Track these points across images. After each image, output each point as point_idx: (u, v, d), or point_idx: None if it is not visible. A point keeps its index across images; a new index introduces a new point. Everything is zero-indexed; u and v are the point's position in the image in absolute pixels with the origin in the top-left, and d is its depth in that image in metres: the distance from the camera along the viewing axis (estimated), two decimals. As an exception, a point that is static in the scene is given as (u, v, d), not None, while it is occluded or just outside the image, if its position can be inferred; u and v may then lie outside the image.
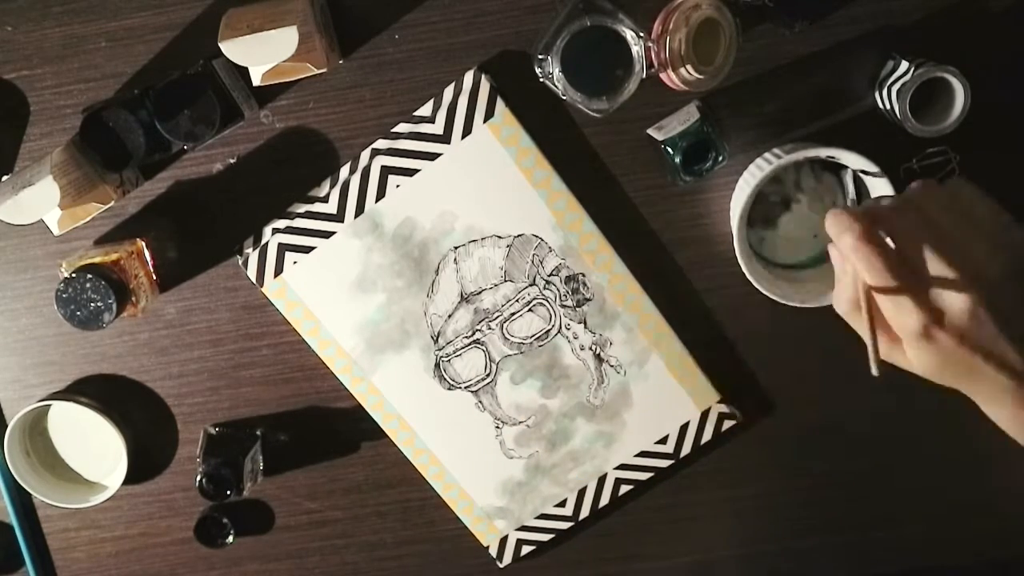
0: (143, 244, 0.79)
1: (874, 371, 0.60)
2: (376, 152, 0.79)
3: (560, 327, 0.83)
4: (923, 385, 0.73)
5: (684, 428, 0.85)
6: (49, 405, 0.83)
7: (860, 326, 0.62)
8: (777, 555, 0.90)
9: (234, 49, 0.67)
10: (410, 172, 0.79)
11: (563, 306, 0.82)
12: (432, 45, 0.77)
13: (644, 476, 0.86)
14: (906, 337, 0.60)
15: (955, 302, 0.58)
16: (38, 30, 0.77)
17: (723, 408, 0.85)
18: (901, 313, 0.59)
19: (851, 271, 0.61)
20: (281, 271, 0.81)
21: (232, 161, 0.80)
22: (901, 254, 0.59)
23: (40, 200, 0.69)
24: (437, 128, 0.78)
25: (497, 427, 0.85)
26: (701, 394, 0.84)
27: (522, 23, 0.77)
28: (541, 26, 0.76)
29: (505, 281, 0.81)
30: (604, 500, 0.87)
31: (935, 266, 0.58)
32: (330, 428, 0.86)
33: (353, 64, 0.78)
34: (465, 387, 0.84)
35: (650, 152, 0.79)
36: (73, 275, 0.72)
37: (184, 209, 0.80)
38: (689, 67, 0.71)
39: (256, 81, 0.71)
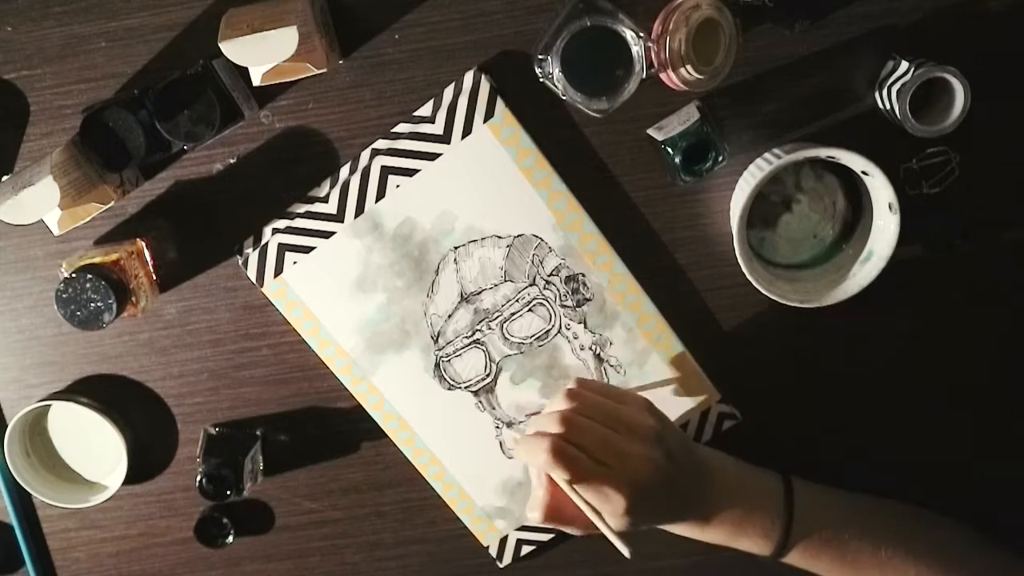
0: (143, 244, 0.79)
1: (627, 553, 0.73)
2: (376, 152, 0.79)
3: (560, 327, 0.83)
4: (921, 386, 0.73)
5: (684, 428, 0.85)
6: (49, 405, 0.83)
7: (559, 526, 0.75)
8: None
9: (234, 49, 0.67)
10: (410, 172, 0.79)
11: (563, 306, 0.82)
12: (432, 45, 0.77)
13: (644, 476, 0.86)
14: (610, 518, 0.73)
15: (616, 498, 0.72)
16: (38, 30, 0.77)
17: (723, 408, 0.85)
18: (605, 502, 0.72)
19: (545, 484, 0.73)
20: (281, 271, 0.81)
21: (232, 161, 0.80)
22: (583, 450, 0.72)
23: (40, 200, 0.69)
24: (437, 128, 0.78)
25: (497, 427, 0.85)
26: (701, 394, 0.84)
27: (522, 23, 0.77)
28: (541, 26, 0.76)
29: (505, 281, 0.81)
30: (604, 500, 0.87)
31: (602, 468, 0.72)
32: (330, 428, 0.86)
33: (353, 64, 0.78)
34: (465, 387, 0.84)
35: (650, 152, 0.79)
36: (73, 275, 0.72)
37: (184, 209, 0.80)
38: (689, 67, 0.71)
39: (256, 81, 0.71)
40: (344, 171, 0.80)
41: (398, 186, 0.79)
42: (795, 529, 0.77)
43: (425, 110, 0.78)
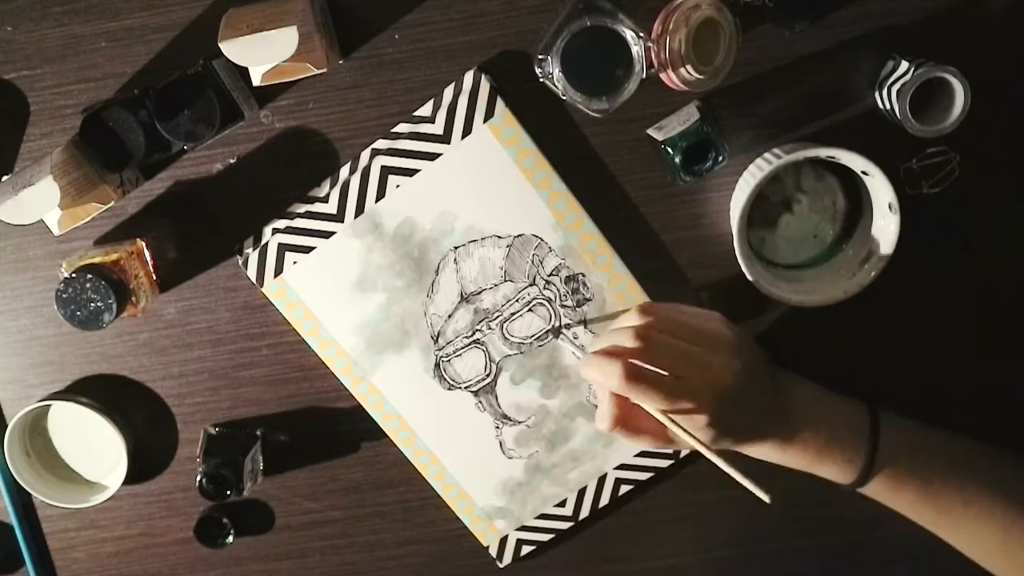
0: (143, 244, 0.79)
1: (765, 498, 0.72)
2: (376, 152, 0.79)
3: (560, 327, 0.83)
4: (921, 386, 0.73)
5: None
6: (49, 405, 0.83)
7: (629, 436, 0.74)
8: (778, 555, 0.90)
9: (234, 49, 0.67)
10: (410, 172, 0.79)
11: (563, 306, 0.82)
12: (432, 45, 0.77)
13: (644, 476, 0.86)
14: (694, 431, 0.72)
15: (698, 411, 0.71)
16: (38, 30, 0.77)
17: (723, 408, 0.85)
18: (686, 416, 0.71)
19: (609, 394, 0.72)
20: (281, 271, 0.81)
21: (232, 161, 0.80)
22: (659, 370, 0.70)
23: (40, 200, 0.69)
24: (437, 128, 0.78)
25: (497, 427, 0.85)
26: (701, 394, 0.84)
27: (522, 23, 0.77)
28: (541, 26, 0.76)
29: (505, 281, 0.81)
30: (604, 500, 0.87)
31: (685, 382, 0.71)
32: (330, 428, 0.86)
33: (353, 64, 0.78)
34: (465, 387, 0.84)
35: (650, 152, 0.79)
36: (73, 275, 0.72)
37: (184, 209, 0.80)
38: (689, 67, 0.71)
39: (256, 81, 0.71)
40: (344, 171, 0.80)
41: (398, 186, 0.79)
42: (879, 459, 0.74)
43: (425, 110, 0.78)
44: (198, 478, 0.80)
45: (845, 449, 0.75)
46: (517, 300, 0.82)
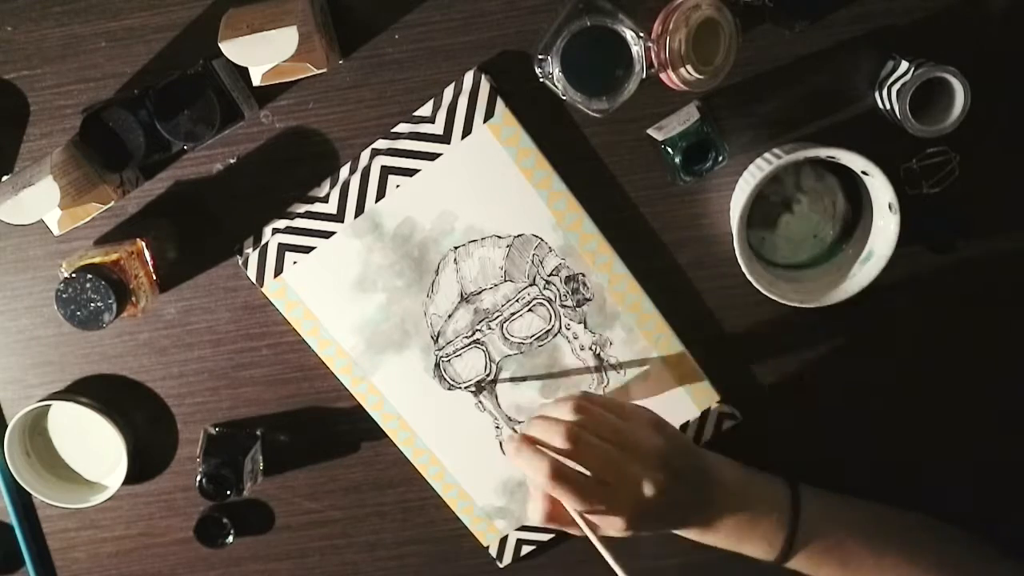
0: (143, 244, 0.79)
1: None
2: (376, 152, 0.79)
3: (560, 327, 0.83)
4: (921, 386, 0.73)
5: (684, 428, 0.85)
6: (49, 405, 0.83)
7: (560, 527, 0.74)
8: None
9: (234, 49, 0.67)
10: (410, 172, 0.79)
11: (563, 306, 0.82)
12: (432, 45, 0.77)
13: (644, 476, 0.86)
14: (609, 532, 0.73)
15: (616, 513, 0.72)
16: (38, 30, 0.77)
17: (723, 408, 0.85)
18: (604, 521, 0.72)
19: (543, 493, 0.73)
20: (281, 271, 0.81)
21: (232, 161, 0.80)
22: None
23: (40, 200, 0.69)
24: (437, 128, 0.78)
25: (497, 427, 0.85)
26: (701, 394, 0.84)
27: (522, 23, 0.77)
28: (541, 26, 0.76)
29: (505, 281, 0.81)
30: (604, 500, 0.87)
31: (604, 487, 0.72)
32: (330, 428, 0.86)
33: (353, 64, 0.78)
34: (465, 387, 0.84)
35: (650, 152, 0.79)
36: (73, 275, 0.72)
37: (184, 209, 0.80)
38: (689, 67, 0.71)
39: (256, 81, 0.71)
40: (344, 171, 0.80)
41: (398, 186, 0.79)
42: (799, 536, 0.77)
43: (425, 110, 0.78)
44: (198, 478, 0.80)
45: (768, 528, 0.77)
46: (517, 300, 0.82)
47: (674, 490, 0.73)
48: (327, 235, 0.80)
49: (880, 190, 0.75)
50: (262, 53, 0.68)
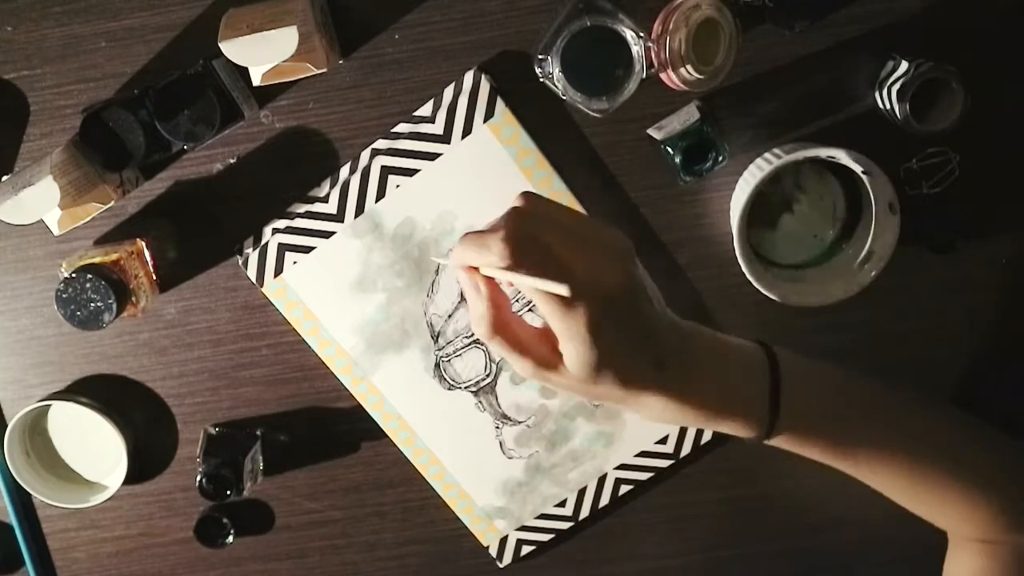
0: (143, 244, 0.79)
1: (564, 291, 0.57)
2: (376, 152, 0.79)
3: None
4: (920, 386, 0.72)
5: (684, 428, 0.85)
6: (49, 405, 0.83)
7: (501, 349, 0.61)
8: (777, 555, 0.90)
9: (234, 49, 0.67)
10: (410, 172, 0.79)
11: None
12: (432, 45, 0.77)
13: (644, 476, 0.86)
14: (572, 337, 0.59)
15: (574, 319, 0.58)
16: (38, 30, 0.77)
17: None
18: (566, 313, 0.58)
19: (486, 296, 0.60)
20: (281, 271, 0.81)
21: (232, 161, 0.80)
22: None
23: (40, 200, 0.69)
24: (437, 128, 0.78)
25: (497, 427, 0.85)
26: (701, 394, 0.84)
27: (522, 23, 0.77)
28: (541, 26, 0.76)
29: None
30: (604, 500, 0.87)
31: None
32: (330, 428, 0.86)
33: (353, 64, 0.78)
34: (465, 387, 0.84)
35: (650, 152, 0.79)
36: (73, 275, 0.72)
37: (184, 209, 0.80)
38: (689, 67, 0.71)
39: (256, 81, 0.71)
40: (344, 171, 0.80)
41: (398, 186, 0.79)
42: (783, 412, 0.65)
43: (425, 110, 0.78)
44: (198, 478, 0.80)
45: (747, 402, 0.65)
46: (517, 300, 0.82)
47: (643, 295, 0.60)
48: (327, 235, 0.80)
49: (880, 190, 0.75)
50: (262, 53, 0.68)
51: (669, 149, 0.76)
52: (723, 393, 0.64)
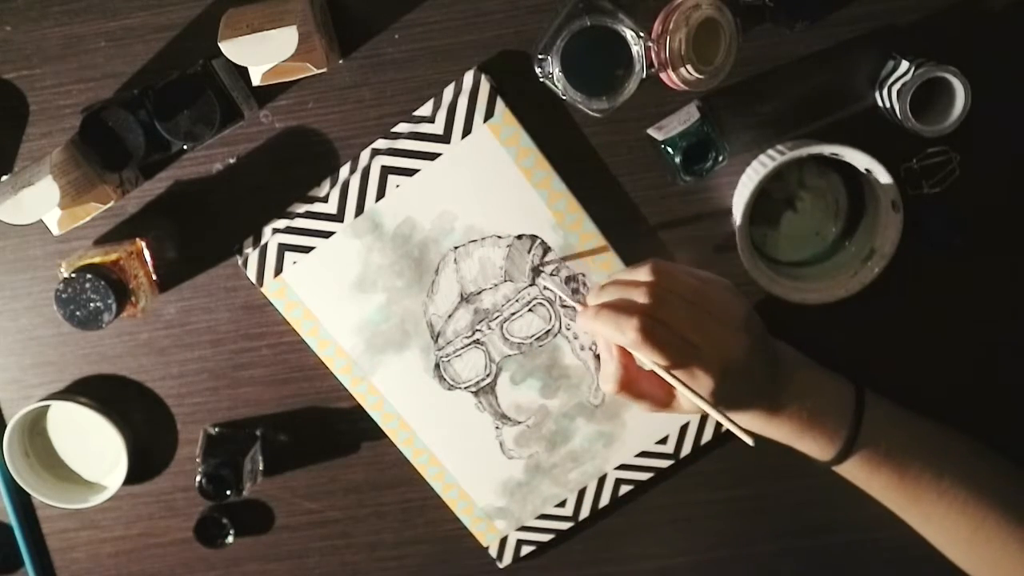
0: (143, 244, 0.79)
1: (749, 441, 0.69)
2: (376, 152, 0.79)
3: (560, 327, 0.83)
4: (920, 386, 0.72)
5: (684, 428, 0.85)
6: (48, 405, 0.83)
7: (632, 399, 0.73)
8: (777, 555, 0.90)
9: (234, 49, 0.67)
10: (410, 172, 0.79)
11: (563, 306, 0.82)
12: (432, 45, 0.77)
13: (644, 476, 0.86)
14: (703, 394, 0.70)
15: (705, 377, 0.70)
16: (38, 30, 0.77)
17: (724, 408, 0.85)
18: (692, 382, 0.70)
19: (617, 356, 0.71)
20: (281, 271, 0.81)
21: (232, 161, 0.80)
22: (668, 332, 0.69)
23: (40, 200, 0.69)
24: (437, 128, 0.78)
25: (497, 427, 0.85)
26: (701, 394, 0.84)
27: (522, 23, 0.77)
28: (541, 26, 0.76)
29: (505, 281, 0.81)
30: (604, 500, 0.87)
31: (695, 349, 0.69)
32: (330, 428, 0.86)
33: (353, 64, 0.78)
34: (465, 387, 0.84)
35: (650, 152, 0.79)
36: (73, 275, 0.72)
37: (184, 209, 0.80)
38: (689, 67, 0.71)
39: (256, 81, 0.71)
40: (344, 171, 0.80)
41: (398, 186, 0.79)
42: (861, 439, 0.74)
43: (425, 110, 0.78)
44: (198, 478, 0.80)
45: (828, 426, 0.75)
46: (517, 300, 0.82)
47: (754, 353, 0.71)
48: (327, 235, 0.80)
49: (884, 188, 0.75)
50: (262, 53, 0.68)
51: (669, 149, 0.76)
52: (806, 419, 0.74)
